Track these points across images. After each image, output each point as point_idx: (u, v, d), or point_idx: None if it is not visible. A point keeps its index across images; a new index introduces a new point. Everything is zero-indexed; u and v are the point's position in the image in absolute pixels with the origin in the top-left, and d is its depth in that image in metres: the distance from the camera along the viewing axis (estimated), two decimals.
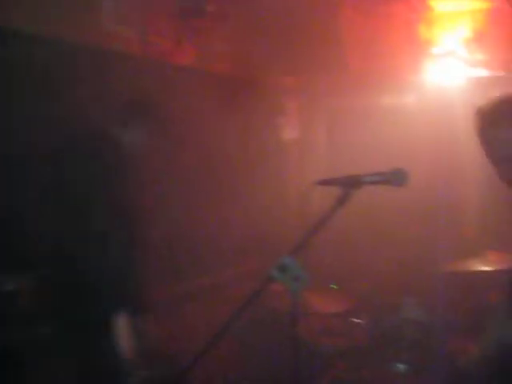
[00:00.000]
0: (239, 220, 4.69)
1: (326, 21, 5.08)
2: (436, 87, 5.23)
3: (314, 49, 5.05)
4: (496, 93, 2.34)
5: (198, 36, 4.71)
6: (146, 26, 4.34)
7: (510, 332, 2.15)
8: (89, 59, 3.69)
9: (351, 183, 2.15)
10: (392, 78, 5.16)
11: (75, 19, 3.65)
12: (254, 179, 4.87)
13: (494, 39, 5.16)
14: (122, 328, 3.14)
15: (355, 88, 5.27)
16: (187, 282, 4.37)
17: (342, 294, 4.29)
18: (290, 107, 5.78)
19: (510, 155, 2.22)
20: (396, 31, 5.24)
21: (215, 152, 4.66)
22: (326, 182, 2.25)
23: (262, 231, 4.71)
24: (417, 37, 5.28)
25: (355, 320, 3.73)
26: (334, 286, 4.48)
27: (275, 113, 5.61)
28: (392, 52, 5.17)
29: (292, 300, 2.20)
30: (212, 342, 2.18)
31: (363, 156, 4.64)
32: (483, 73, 5.25)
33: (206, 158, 4.57)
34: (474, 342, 2.74)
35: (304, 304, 4.06)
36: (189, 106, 4.36)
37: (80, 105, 3.55)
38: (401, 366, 3.55)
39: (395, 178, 2.11)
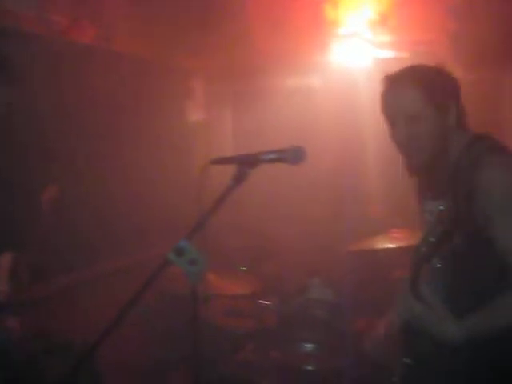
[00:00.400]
0: (144, 202, 4.57)
1: (231, 1, 5.01)
2: (342, 68, 5.26)
3: (219, 29, 4.96)
4: None
5: (97, 14, 4.55)
6: (42, 3, 4.15)
7: (411, 307, 2.15)
8: None
9: (247, 161, 2.09)
10: (298, 59, 5.15)
11: None
12: (158, 161, 4.77)
13: (399, 21, 5.23)
14: None
15: (261, 69, 5.22)
16: (91, 266, 4.23)
17: (250, 275, 4.27)
18: (196, 88, 5.68)
19: (405, 115, 2.23)
20: (302, 12, 5.22)
21: (117, 133, 4.51)
22: (220, 161, 2.18)
23: (169, 214, 4.63)
24: (322, 18, 5.28)
25: (263, 301, 3.70)
26: (244, 268, 4.47)
27: (180, 94, 5.50)
28: (298, 33, 5.15)
29: (189, 283, 2.13)
30: (111, 326, 2.10)
31: (270, 137, 4.63)
32: (388, 54, 5.32)
33: (108, 139, 4.41)
34: (380, 320, 2.76)
35: (212, 286, 4.03)
36: (88, 87, 4.20)
37: None
38: (308, 346, 3.56)
39: (291, 155, 2.06)
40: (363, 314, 3.64)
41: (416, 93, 2.20)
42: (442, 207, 1.98)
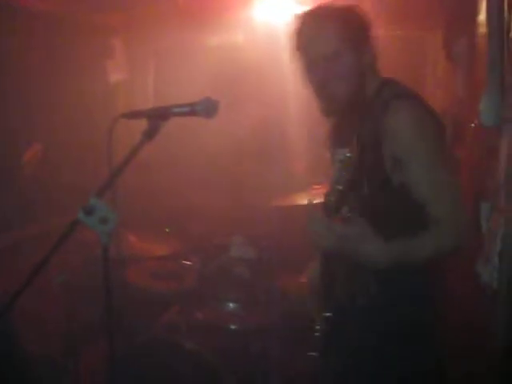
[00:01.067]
0: (65, 168, 4.43)
1: None
2: (264, 24, 5.19)
3: None
4: None
5: None
6: None
7: (331, 229, 2.11)
8: None
9: (158, 115, 2.03)
10: (220, 16, 5.04)
11: None
12: (79, 123, 4.61)
13: None
14: None
15: (182, 26, 5.09)
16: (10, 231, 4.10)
17: (173, 236, 4.23)
18: (116, 47, 5.50)
19: (321, 53, 2.20)
20: None
21: (30, 96, 4.32)
22: (131, 115, 2.11)
23: (89, 177, 4.50)
24: None
25: (186, 262, 3.66)
26: (167, 229, 4.41)
27: (100, 53, 5.32)
28: None
29: (102, 242, 2.05)
30: (21, 287, 2.03)
31: (192, 96, 4.53)
32: None
33: (21, 102, 4.23)
34: (303, 276, 2.76)
35: (134, 248, 3.97)
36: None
37: None
38: (232, 305, 3.55)
39: (204, 108, 2.01)
40: (286, 270, 3.65)
41: (332, 31, 2.18)
42: (348, 154, 1.96)
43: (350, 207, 2.12)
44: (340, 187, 2.00)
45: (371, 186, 2.12)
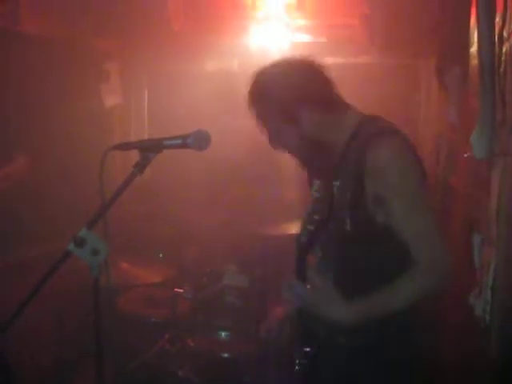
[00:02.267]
0: (55, 190, 4.42)
1: None
2: (259, 52, 5.22)
3: (135, 10, 4.83)
4: (318, 58, 2.29)
5: None
6: None
7: (299, 293, 2.12)
8: None
9: (150, 147, 2.03)
10: (215, 42, 5.08)
11: None
12: (72, 147, 4.61)
13: (316, 5, 5.23)
14: None
15: (178, 51, 5.13)
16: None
17: (165, 263, 4.22)
18: (111, 71, 5.52)
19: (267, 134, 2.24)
20: None
21: (26, 119, 4.32)
22: (123, 147, 2.11)
23: (81, 202, 4.49)
24: (240, 1, 5.23)
25: (178, 289, 3.64)
26: (161, 255, 4.41)
27: (95, 77, 5.33)
28: (215, 15, 5.08)
29: (92, 274, 2.05)
30: (12, 317, 2.02)
31: (187, 121, 4.55)
32: (305, 38, 5.32)
33: (15, 125, 4.23)
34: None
35: (126, 276, 3.96)
36: None
37: None
38: (223, 333, 3.54)
39: (195, 140, 2.01)
40: (277, 300, 3.63)
41: (259, 102, 2.24)
42: (317, 194, 1.96)
43: (320, 246, 2.13)
44: (311, 227, 2.00)
45: (354, 223, 2.09)
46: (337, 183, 2.13)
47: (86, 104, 4.95)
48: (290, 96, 2.15)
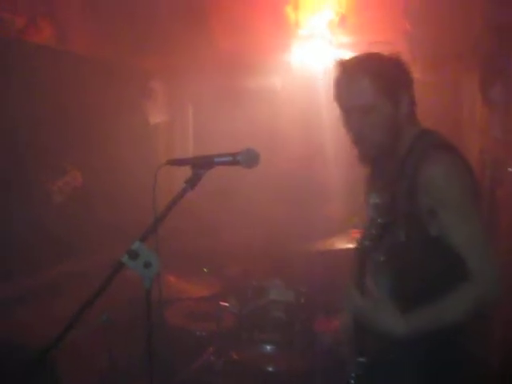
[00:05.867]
0: (105, 205, 4.52)
1: (191, 1, 5.00)
2: (302, 69, 5.28)
3: (179, 29, 4.94)
4: None
5: (55, 13, 4.48)
6: None
7: (356, 303, 2.16)
8: None
9: (201, 164, 2.09)
10: (259, 60, 5.15)
11: None
12: (119, 164, 4.72)
13: (358, 22, 5.27)
14: None
15: (222, 69, 5.21)
16: (48, 269, 4.17)
17: (211, 277, 4.27)
18: (156, 89, 5.63)
19: (357, 105, 2.25)
20: (263, 13, 5.23)
21: (74, 137, 4.45)
22: (175, 162, 2.18)
23: (130, 216, 4.58)
24: (283, 19, 5.30)
25: (223, 303, 3.69)
26: (205, 270, 4.46)
27: (140, 95, 5.45)
28: (259, 33, 5.16)
29: (144, 286, 2.11)
30: (65, 329, 2.08)
31: (231, 138, 4.61)
32: (347, 55, 5.35)
33: (63, 142, 4.35)
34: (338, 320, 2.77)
35: (173, 289, 4.01)
36: (49, 88, 4.14)
37: None
38: (268, 347, 3.56)
39: (245, 158, 2.07)
40: (323, 314, 3.66)
41: (367, 83, 2.22)
42: (378, 200, 2.00)
43: (384, 251, 2.15)
44: (374, 232, 2.03)
45: (408, 234, 2.14)
46: (394, 191, 2.18)
47: (131, 121, 5.07)
48: (397, 77, 2.27)
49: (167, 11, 4.96)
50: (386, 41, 5.11)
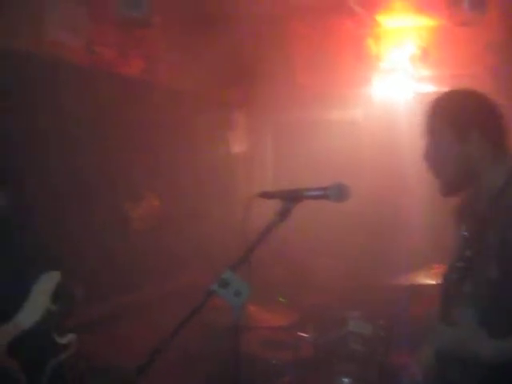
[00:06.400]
0: (186, 231, 4.64)
1: (273, 34, 5.11)
2: (383, 101, 5.30)
3: (261, 62, 5.06)
4: None
5: (143, 47, 4.68)
6: (91, 36, 4.28)
7: (442, 333, 2.15)
8: (34, 69, 3.61)
9: (292, 197, 2.14)
10: (341, 93, 5.21)
11: (18, 28, 3.57)
12: (201, 192, 4.84)
13: (440, 55, 5.27)
14: None
15: (303, 101, 5.29)
16: (128, 294, 4.30)
17: (289, 307, 4.29)
18: (238, 120, 5.76)
19: (429, 139, 2.29)
20: (344, 46, 5.31)
21: (160, 164, 4.60)
22: (267, 195, 2.23)
23: (208, 244, 4.69)
24: (365, 52, 5.36)
25: (301, 333, 3.71)
26: (282, 299, 4.48)
27: (223, 126, 5.59)
28: (340, 66, 5.23)
29: (233, 314, 2.17)
30: (153, 356, 2.14)
31: (311, 169, 4.67)
32: (429, 88, 5.36)
33: (153, 170, 4.51)
34: (417, 354, 2.75)
35: (250, 317, 4.05)
36: (136, 118, 4.32)
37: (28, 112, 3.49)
38: (346, 380, 3.55)
39: (335, 193, 2.10)
40: (403, 348, 3.62)
41: (436, 112, 2.28)
42: (466, 232, 1.99)
43: (472, 283, 2.13)
44: (461, 264, 2.02)
45: (500, 271, 2.10)
46: (485, 225, 2.16)
47: (213, 150, 5.21)
48: (469, 115, 2.27)
49: (251, 46, 5.08)
50: (468, 74, 5.09)
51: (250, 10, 4.67)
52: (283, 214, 2.13)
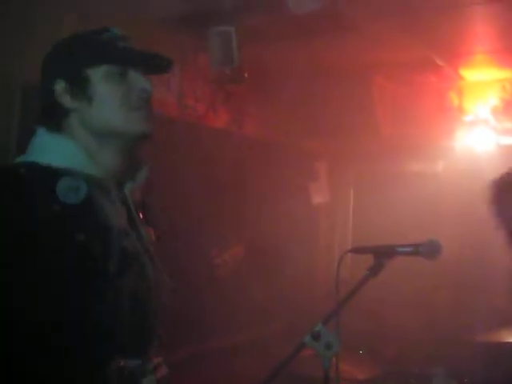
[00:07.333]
0: (269, 280, 4.70)
1: (358, 88, 5.19)
2: (466, 154, 5.29)
3: (345, 114, 5.15)
4: None
5: (231, 100, 4.86)
6: (183, 91, 4.49)
7: None
8: None
9: (384, 253, 2.19)
10: (423, 145, 5.23)
11: None
12: (284, 241, 4.92)
13: None
14: None
15: (386, 153, 5.34)
16: (216, 340, 4.37)
17: (370, 360, 4.27)
18: (321, 172, 5.85)
19: None
20: (427, 99, 5.34)
21: (246, 214, 4.73)
22: (358, 250, 2.29)
23: (290, 295, 4.74)
24: (448, 105, 5.38)
25: None
26: (361, 352, 4.46)
27: (306, 177, 5.69)
28: (423, 119, 5.26)
29: (324, 367, 2.21)
30: None
31: (393, 222, 4.68)
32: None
33: (237, 220, 4.64)
34: None
35: (332, 369, 4.04)
36: (222, 169, 4.47)
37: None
38: None
39: (428, 250, 2.14)
40: None
41: None
42: None
43: None
44: None
45: None
46: None
47: (296, 200, 5.29)
48: None
49: (333, 96, 5.18)
50: None
51: (335, 65, 4.79)
52: (376, 269, 2.18)
